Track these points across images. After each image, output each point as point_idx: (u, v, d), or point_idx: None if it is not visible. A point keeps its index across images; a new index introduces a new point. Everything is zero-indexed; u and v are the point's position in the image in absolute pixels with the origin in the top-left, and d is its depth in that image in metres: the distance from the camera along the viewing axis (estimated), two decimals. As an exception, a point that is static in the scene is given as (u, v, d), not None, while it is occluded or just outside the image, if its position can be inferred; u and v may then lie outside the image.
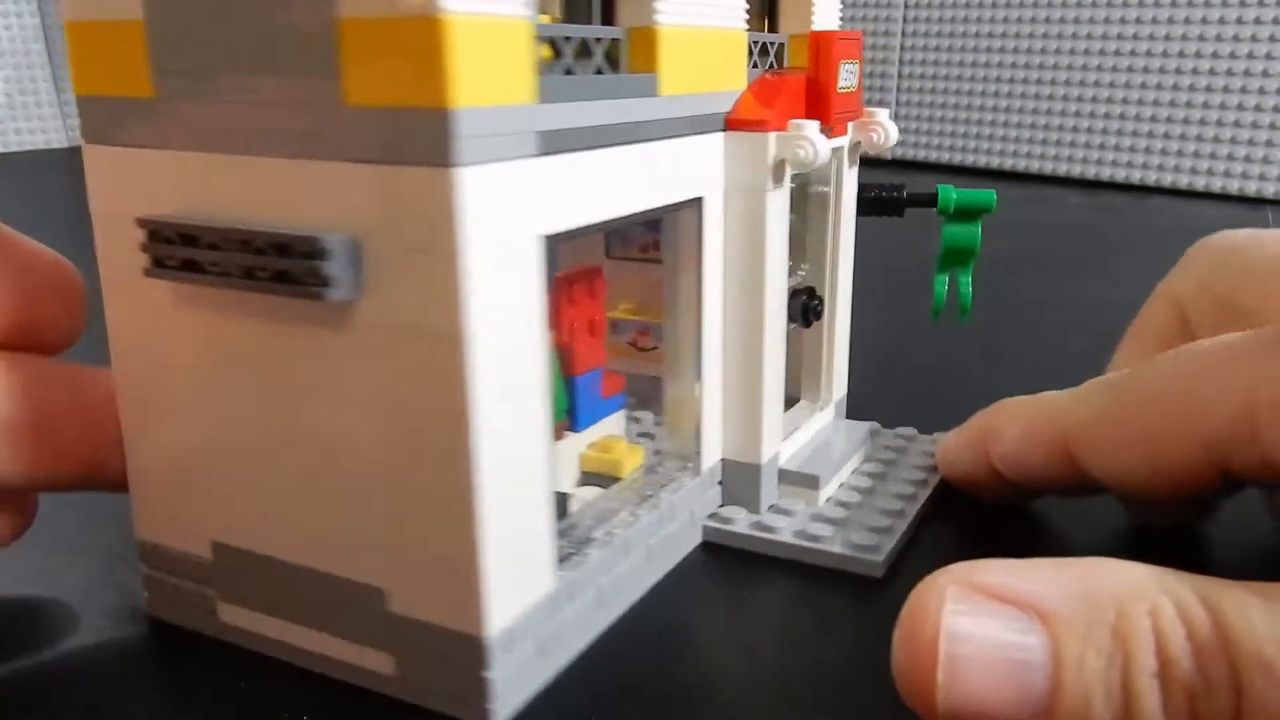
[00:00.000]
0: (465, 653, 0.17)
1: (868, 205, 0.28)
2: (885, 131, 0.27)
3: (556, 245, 0.18)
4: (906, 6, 1.02)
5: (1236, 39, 0.83)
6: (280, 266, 0.17)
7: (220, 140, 0.17)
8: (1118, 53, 0.89)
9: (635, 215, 0.20)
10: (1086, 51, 0.91)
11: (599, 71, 0.20)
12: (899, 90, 1.04)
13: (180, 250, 0.18)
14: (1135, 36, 0.88)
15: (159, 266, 0.18)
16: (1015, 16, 0.94)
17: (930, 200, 0.28)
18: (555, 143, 0.17)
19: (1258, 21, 0.82)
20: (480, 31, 0.15)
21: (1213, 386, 0.20)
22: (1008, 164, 0.97)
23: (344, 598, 0.18)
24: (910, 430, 0.30)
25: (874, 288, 0.39)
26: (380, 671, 0.18)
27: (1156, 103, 0.88)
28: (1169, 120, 0.87)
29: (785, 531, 0.24)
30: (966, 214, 0.28)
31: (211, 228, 0.17)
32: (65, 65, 1.12)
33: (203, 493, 0.20)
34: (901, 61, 1.03)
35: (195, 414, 0.20)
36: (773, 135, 0.23)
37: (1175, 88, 0.87)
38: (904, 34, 1.02)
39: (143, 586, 0.21)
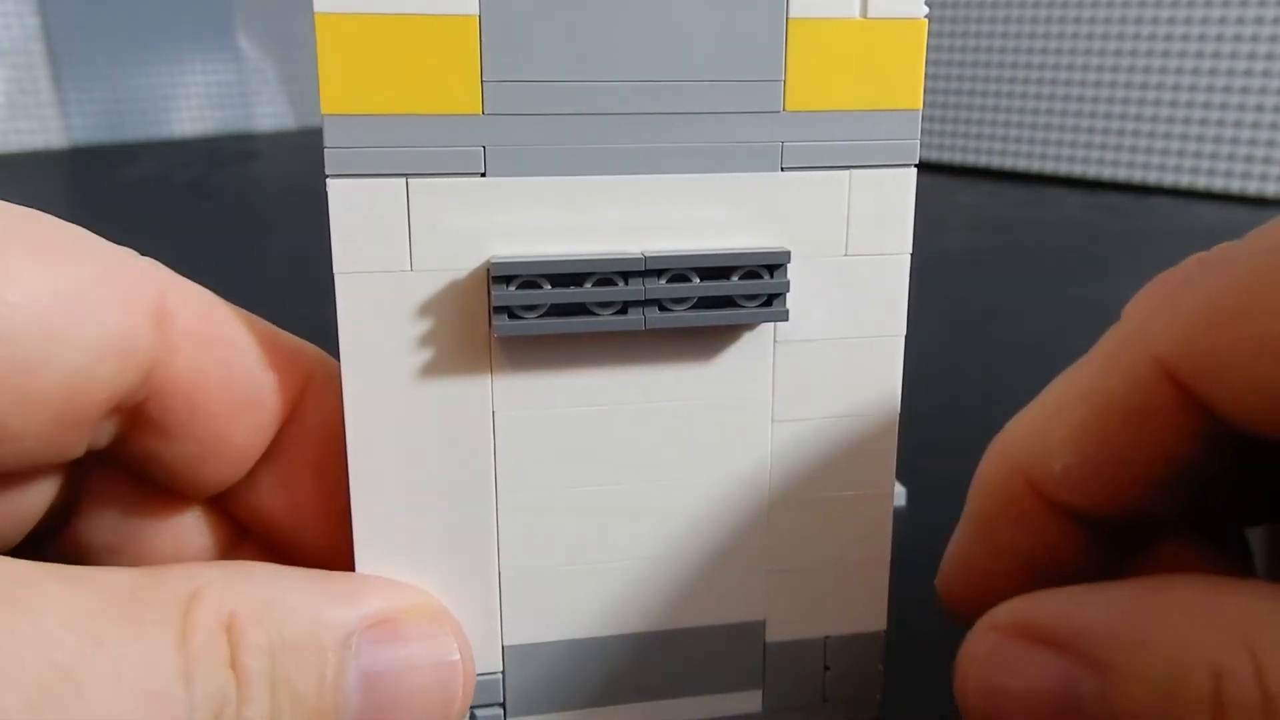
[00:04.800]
0: (865, 651, 0.18)
1: None
2: None
3: None
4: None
5: (1237, 39, 0.83)
6: (725, 292, 0.16)
7: (589, 159, 0.15)
8: (1118, 52, 0.89)
9: None
10: (1087, 51, 0.90)
11: None
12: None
13: (565, 293, 0.15)
14: (1135, 36, 0.88)
15: (514, 318, 0.15)
16: (1015, 16, 0.94)
17: None
18: None
19: (1258, 21, 0.82)
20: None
21: None
22: (1008, 164, 0.97)
23: (717, 647, 0.17)
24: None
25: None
26: (746, 712, 0.18)
27: (1157, 102, 0.88)
28: (1169, 120, 0.87)
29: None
30: None
31: (632, 258, 0.15)
32: (65, 65, 1.13)
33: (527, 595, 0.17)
34: (902, 61, 1.03)
35: (551, 496, 0.16)
36: None
37: (1175, 88, 0.87)
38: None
39: None
